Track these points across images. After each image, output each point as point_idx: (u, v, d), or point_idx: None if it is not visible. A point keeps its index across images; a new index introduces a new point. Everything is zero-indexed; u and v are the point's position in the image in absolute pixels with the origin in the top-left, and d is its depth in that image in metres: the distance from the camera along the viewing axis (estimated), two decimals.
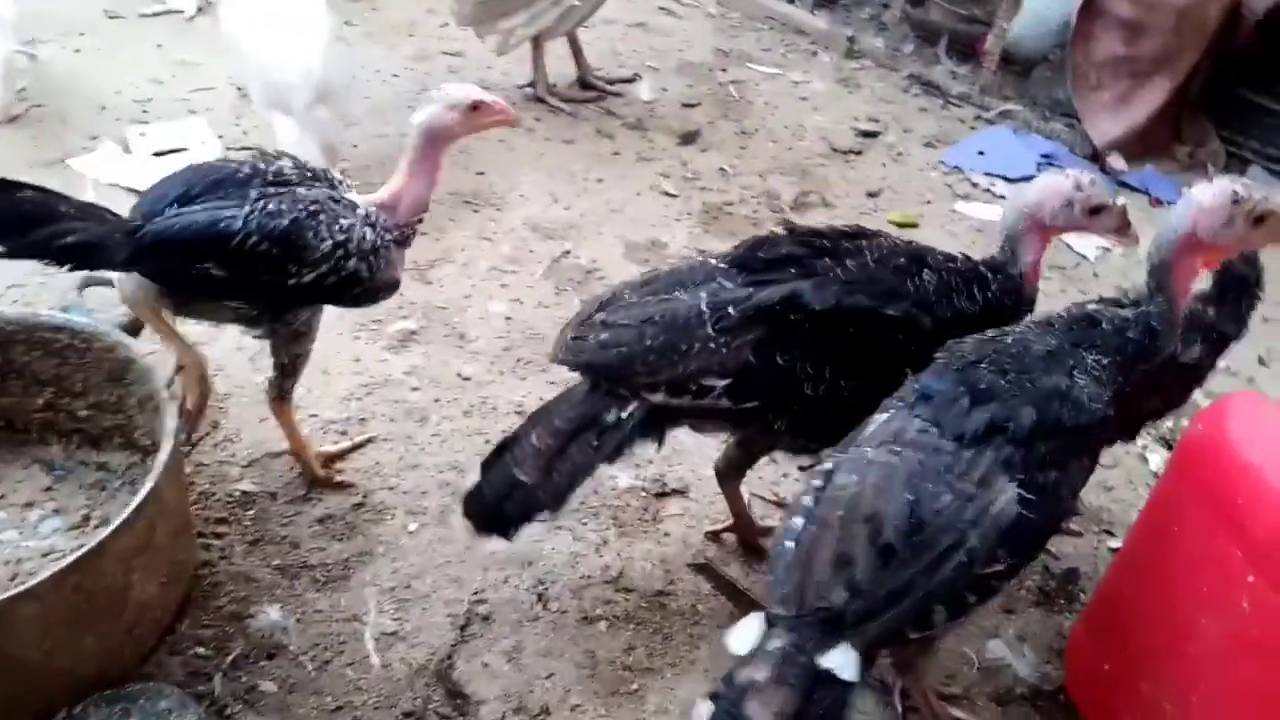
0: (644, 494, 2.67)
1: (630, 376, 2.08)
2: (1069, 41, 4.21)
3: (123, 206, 3.46)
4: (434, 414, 2.82)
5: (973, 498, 1.65)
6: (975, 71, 4.86)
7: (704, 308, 2.05)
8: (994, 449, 1.69)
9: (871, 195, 4.08)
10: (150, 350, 2.30)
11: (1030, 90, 4.81)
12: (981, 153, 4.35)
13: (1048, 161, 4.34)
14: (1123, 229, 2.08)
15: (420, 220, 2.30)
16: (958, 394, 1.76)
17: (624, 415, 2.11)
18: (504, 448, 2.19)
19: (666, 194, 3.97)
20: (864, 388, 1.97)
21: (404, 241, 2.29)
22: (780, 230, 2.30)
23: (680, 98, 4.70)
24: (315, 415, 2.76)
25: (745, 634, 1.70)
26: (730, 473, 2.43)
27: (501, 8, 4.13)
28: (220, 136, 3.90)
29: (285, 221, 2.08)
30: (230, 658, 2.16)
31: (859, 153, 4.38)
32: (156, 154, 3.75)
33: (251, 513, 2.49)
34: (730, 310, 2.04)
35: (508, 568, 2.42)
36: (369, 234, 2.18)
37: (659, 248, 3.66)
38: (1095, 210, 2.04)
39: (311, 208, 2.12)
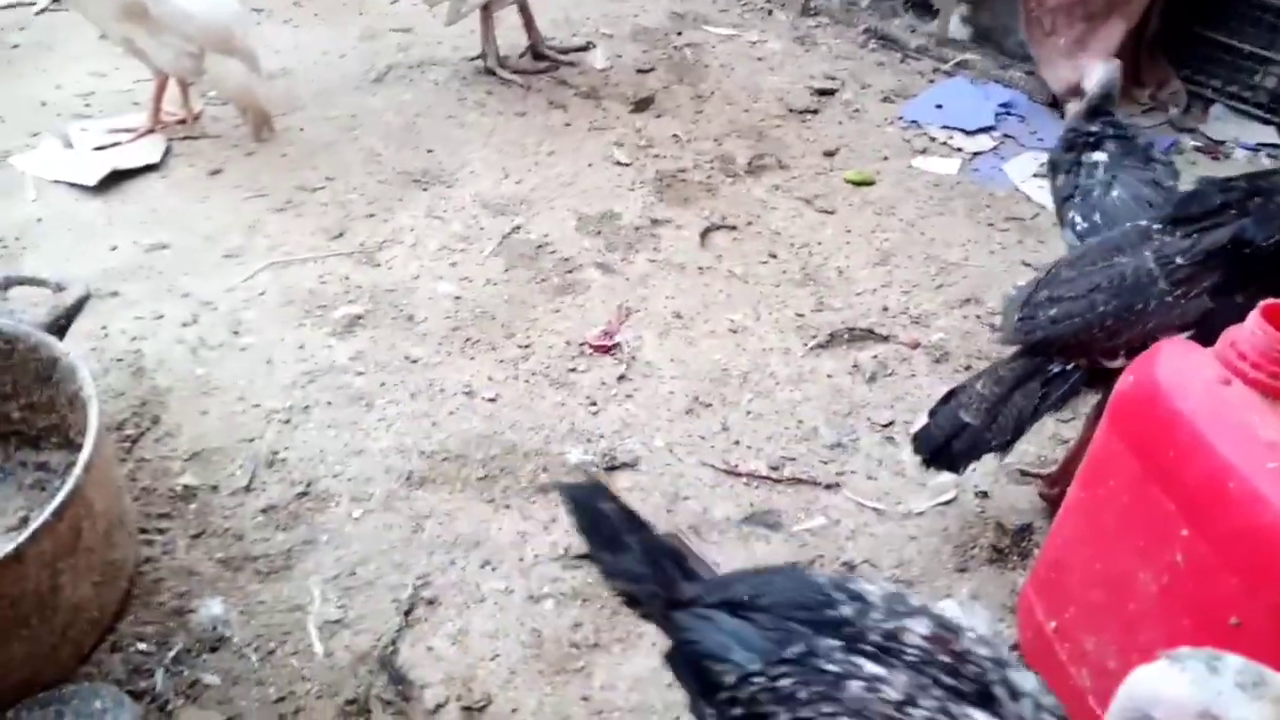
0: (594, 469, 2.64)
1: (1088, 344, 2.14)
2: None
3: (66, 202, 3.41)
4: (379, 398, 2.78)
5: None
6: (932, 23, 4.78)
7: (1152, 264, 2.08)
8: None
9: (828, 154, 4.01)
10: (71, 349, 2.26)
11: (988, 39, 4.73)
12: (939, 106, 4.27)
13: (1005, 111, 4.27)
14: None
15: None
16: None
17: (1069, 367, 2.20)
18: (952, 394, 2.34)
19: (620, 163, 3.90)
20: None
21: None
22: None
23: (635, 64, 4.62)
24: (258, 405, 2.73)
25: None
26: None
27: None
28: (164, 126, 3.84)
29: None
30: (172, 653, 2.14)
31: (816, 111, 4.30)
32: (98, 148, 3.69)
33: (193, 506, 2.46)
34: (1179, 260, 2.06)
35: (454, 551, 2.39)
36: None
37: (612, 219, 3.60)
38: None
39: None
